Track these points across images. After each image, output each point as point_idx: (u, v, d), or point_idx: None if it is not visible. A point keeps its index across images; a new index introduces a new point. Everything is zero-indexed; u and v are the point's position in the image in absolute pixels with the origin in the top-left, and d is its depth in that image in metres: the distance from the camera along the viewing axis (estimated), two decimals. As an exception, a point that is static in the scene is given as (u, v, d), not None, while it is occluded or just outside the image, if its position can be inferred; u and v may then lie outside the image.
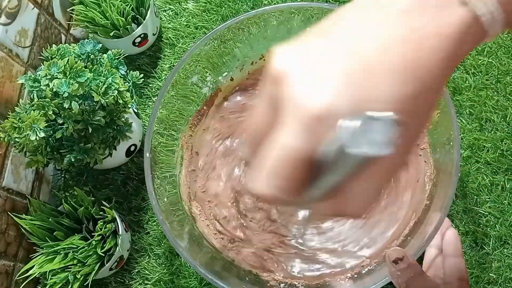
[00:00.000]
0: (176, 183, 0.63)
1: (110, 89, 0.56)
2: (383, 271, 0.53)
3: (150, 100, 0.74)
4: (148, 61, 0.76)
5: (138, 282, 0.65)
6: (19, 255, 0.63)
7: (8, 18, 0.61)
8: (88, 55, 0.60)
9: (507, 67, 0.68)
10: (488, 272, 0.60)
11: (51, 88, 0.54)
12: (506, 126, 0.65)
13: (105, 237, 0.61)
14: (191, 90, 0.65)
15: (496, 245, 0.61)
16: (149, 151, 0.58)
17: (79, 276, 0.58)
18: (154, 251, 0.66)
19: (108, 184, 0.70)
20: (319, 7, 0.61)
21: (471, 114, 0.66)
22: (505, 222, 0.61)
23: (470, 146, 0.65)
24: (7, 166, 0.61)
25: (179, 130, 0.65)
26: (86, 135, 0.59)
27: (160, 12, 0.78)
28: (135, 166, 0.70)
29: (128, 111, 0.64)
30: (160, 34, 0.77)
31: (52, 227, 0.61)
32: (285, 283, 0.58)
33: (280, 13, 0.63)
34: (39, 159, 0.58)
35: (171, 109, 0.63)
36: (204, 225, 0.63)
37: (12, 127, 0.54)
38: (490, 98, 0.67)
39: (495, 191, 0.63)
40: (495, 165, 0.64)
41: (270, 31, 0.65)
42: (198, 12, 0.77)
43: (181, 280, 0.64)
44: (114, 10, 0.68)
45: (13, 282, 0.61)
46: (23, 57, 0.64)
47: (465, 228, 0.62)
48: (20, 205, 0.63)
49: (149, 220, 0.68)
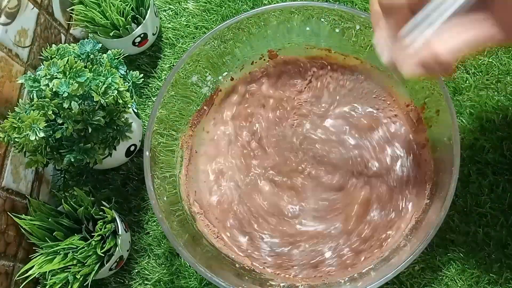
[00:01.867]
0: (176, 183, 0.63)
1: (110, 89, 0.56)
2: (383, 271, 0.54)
3: (150, 100, 0.74)
4: (148, 61, 0.76)
5: (138, 282, 0.65)
6: (19, 255, 0.63)
7: (8, 18, 0.61)
8: (88, 55, 0.60)
9: (508, 67, 0.68)
10: (488, 273, 0.60)
11: (50, 88, 0.54)
12: (507, 126, 0.65)
13: (105, 237, 0.61)
14: (191, 90, 0.65)
15: (497, 246, 0.61)
16: (148, 150, 0.58)
17: (78, 276, 0.58)
18: (154, 251, 0.66)
19: (108, 184, 0.70)
20: (319, 7, 0.61)
21: (472, 114, 0.66)
22: (505, 222, 0.61)
23: (470, 146, 0.65)
24: (6, 166, 0.61)
25: (179, 130, 0.65)
26: (85, 135, 0.59)
27: (160, 12, 0.78)
28: (135, 166, 0.70)
29: (128, 111, 0.64)
30: (160, 34, 0.77)
31: (51, 227, 0.61)
32: (285, 283, 0.58)
33: (280, 12, 0.63)
34: (39, 159, 0.58)
35: (171, 109, 0.63)
36: (203, 225, 0.63)
37: (11, 127, 0.54)
38: (490, 98, 0.66)
39: (496, 191, 0.63)
40: (495, 165, 0.64)
41: (270, 31, 0.65)
42: (198, 12, 0.77)
43: (181, 280, 0.64)
44: (114, 10, 0.68)
45: (12, 282, 0.61)
46: (22, 57, 0.64)
47: (466, 228, 0.62)
48: (19, 205, 0.63)
49: (149, 220, 0.68)
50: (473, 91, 0.67)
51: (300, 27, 0.64)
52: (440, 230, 0.60)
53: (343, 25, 0.62)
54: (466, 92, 0.67)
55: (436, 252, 0.61)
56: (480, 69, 0.68)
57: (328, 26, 0.63)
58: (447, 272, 0.61)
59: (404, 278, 0.61)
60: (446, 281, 0.60)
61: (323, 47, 0.66)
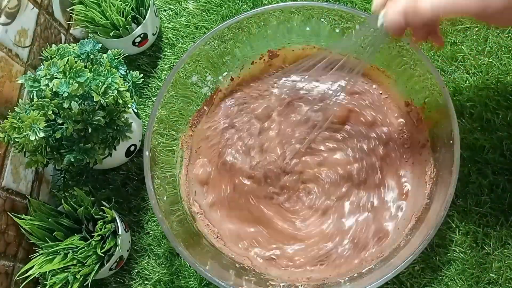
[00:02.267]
0: (176, 183, 0.63)
1: (110, 89, 0.56)
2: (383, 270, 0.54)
3: (150, 100, 0.74)
4: (148, 61, 0.76)
5: (138, 282, 0.65)
6: (19, 255, 0.63)
7: (8, 18, 0.61)
8: (88, 55, 0.60)
9: (508, 67, 0.68)
10: (488, 272, 0.60)
11: (50, 88, 0.54)
12: (507, 126, 0.65)
13: (105, 237, 0.61)
14: (191, 90, 0.65)
15: (497, 246, 0.61)
16: (148, 150, 0.58)
17: (78, 276, 0.58)
18: (154, 251, 0.66)
19: (108, 184, 0.70)
20: (318, 6, 0.61)
21: (472, 114, 0.66)
22: (505, 222, 0.61)
23: (470, 146, 0.65)
24: (6, 166, 0.61)
25: (179, 130, 0.65)
26: (85, 135, 0.59)
27: (160, 12, 0.78)
28: (135, 166, 0.70)
29: (128, 111, 0.64)
30: (160, 34, 0.77)
31: (51, 227, 0.61)
32: (285, 283, 0.58)
33: (280, 12, 0.63)
34: (39, 159, 0.58)
35: (171, 109, 0.63)
36: (203, 225, 0.63)
37: (11, 127, 0.54)
38: (490, 98, 0.66)
39: (496, 191, 0.63)
40: (495, 165, 0.64)
41: (270, 31, 0.65)
42: (198, 12, 0.77)
43: (181, 280, 0.64)
44: (114, 10, 0.68)
45: (12, 282, 0.61)
46: (22, 57, 0.64)
47: (466, 228, 0.62)
48: (19, 205, 0.63)
49: (149, 220, 0.68)
50: (473, 91, 0.67)
51: (300, 27, 0.64)
52: (440, 230, 0.60)
53: (343, 25, 0.62)
54: (466, 92, 0.67)
55: (436, 252, 0.61)
56: (480, 69, 0.68)
57: (328, 26, 0.63)
58: (447, 272, 0.61)
59: (404, 278, 0.61)
60: (446, 281, 0.60)
61: (323, 47, 0.66)
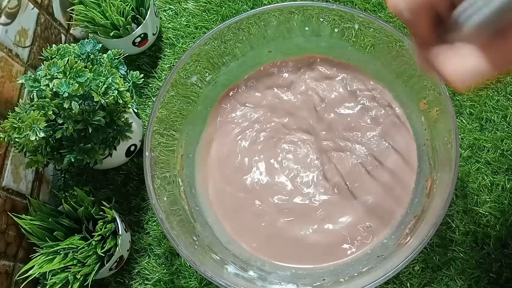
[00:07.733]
0: (176, 183, 0.63)
1: (110, 89, 0.56)
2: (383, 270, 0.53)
3: (150, 100, 0.74)
4: (148, 61, 0.76)
5: (138, 282, 0.65)
6: (19, 255, 0.63)
7: (8, 18, 0.61)
8: (88, 55, 0.60)
9: (508, 67, 0.68)
10: (488, 272, 0.60)
11: (51, 88, 0.54)
12: (506, 126, 0.65)
13: (105, 237, 0.61)
14: (191, 90, 0.65)
15: (497, 245, 0.61)
16: (148, 150, 0.58)
17: (79, 276, 0.58)
18: (154, 251, 0.66)
19: (108, 184, 0.70)
20: (318, 7, 0.61)
21: (471, 114, 0.66)
22: (505, 222, 0.61)
23: (470, 146, 0.65)
24: (7, 166, 0.61)
25: (179, 130, 0.65)
26: (86, 135, 0.59)
27: (160, 12, 0.78)
28: (135, 166, 0.70)
29: (128, 111, 0.64)
30: (160, 34, 0.77)
31: (52, 227, 0.61)
32: (285, 283, 0.58)
33: (280, 12, 0.63)
34: (39, 159, 0.58)
35: (171, 109, 0.63)
36: (204, 225, 0.63)
37: (12, 127, 0.54)
38: (490, 98, 0.67)
39: (496, 191, 0.63)
40: (495, 165, 0.64)
41: (270, 31, 0.65)
42: (198, 12, 0.77)
43: (181, 280, 0.64)
44: (114, 10, 0.68)
45: (13, 282, 0.61)
46: (23, 57, 0.64)
47: (466, 228, 0.62)
48: (20, 205, 0.63)
49: (149, 220, 0.68)
50: (473, 91, 0.67)
51: (300, 27, 0.64)
52: (440, 230, 0.60)
53: (343, 25, 0.62)
54: (466, 92, 0.67)
55: (436, 252, 0.61)
56: (480, 69, 0.68)
57: (328, 26, 0.63)
58: (447, 272, 0.61)
59: (404, 278, 0.61)
60: (446, 281, 0.60)
61: (323, 47, 0.66)
